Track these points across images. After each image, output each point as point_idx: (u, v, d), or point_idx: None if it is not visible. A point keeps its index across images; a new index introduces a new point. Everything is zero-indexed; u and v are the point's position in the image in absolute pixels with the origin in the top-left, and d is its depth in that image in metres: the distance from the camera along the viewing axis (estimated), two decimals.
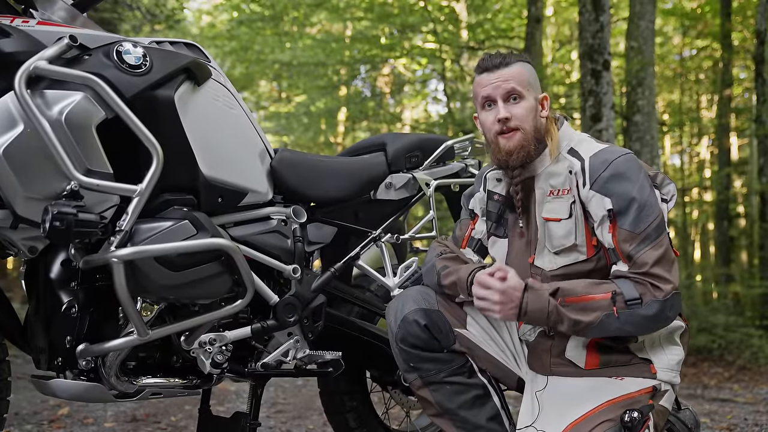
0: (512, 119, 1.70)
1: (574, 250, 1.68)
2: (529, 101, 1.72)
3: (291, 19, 13.02)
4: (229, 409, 3.97)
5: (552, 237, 1.70)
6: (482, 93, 1.74)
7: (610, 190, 1.62)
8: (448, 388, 1.78)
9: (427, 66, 13.31)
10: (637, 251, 1.60)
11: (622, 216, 1.61)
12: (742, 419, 3.89)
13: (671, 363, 1.69)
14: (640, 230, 1.60)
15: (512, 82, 1.71)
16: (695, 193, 15.65)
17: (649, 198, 1.62)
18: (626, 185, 1.62)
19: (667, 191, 1.72)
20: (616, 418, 1.58)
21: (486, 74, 1.74)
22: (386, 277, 2.21)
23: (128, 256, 1.59)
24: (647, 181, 1.65)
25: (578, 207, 1.68)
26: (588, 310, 1.59)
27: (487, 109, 1.74)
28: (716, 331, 7.02)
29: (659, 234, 1.61)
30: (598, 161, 1.65)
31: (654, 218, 1.61)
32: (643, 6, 7.90)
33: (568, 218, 1.68)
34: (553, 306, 1.59)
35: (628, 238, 1.60)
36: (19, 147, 1.53)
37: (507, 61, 1.73)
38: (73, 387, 1.71)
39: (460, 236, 1.94)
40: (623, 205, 1.61)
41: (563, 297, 1.60)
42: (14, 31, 1.61)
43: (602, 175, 1.63)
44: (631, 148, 7.58)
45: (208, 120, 1.85)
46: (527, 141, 1.70)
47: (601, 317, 1.58)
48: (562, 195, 1.70)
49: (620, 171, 1.63)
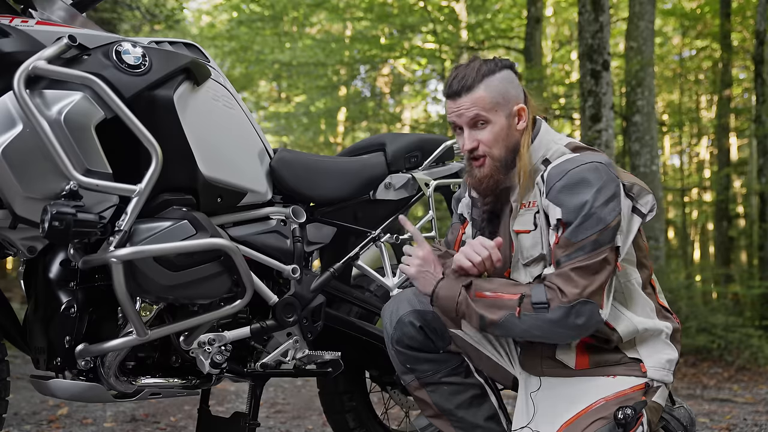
0: (479, 147, 1.68)
1: (542, 260, 1.67)
2: (497, 123, 1.67)
3: (291, 19, 13.04)
4: (229, 409, 3.97)
5: (523, 248, 1.70)
6: (449, 119, 1.72)
7: (560, 200, 1.60)
8: (445, 389, 1.78)
9: (427, 66, 13.32)
10: (567, 259, 1.57)
11: (568, 225, 1.59)
12: (742, 419, 3.89)
13: (661, 361, 1.68)
14: (577, 240, 1.57)
15: (474, 109, 1.66)
16: (695, 193, 15.65)
17: (596, 211, 1.57)
18: (577, 197, 1.58)
19: (645, 202, 1.67)
20: (610, 415, 1.59)
21: (450, 101, 1.70)
22: (385, 278, 2.21)
23: (127, 256, 1.59)
24: (606, 194, 1.59)
25: (542, 217, 1.66)
26: (495, 307, 1.60)
27: (458, 132, 1.72)
28: (716, 331, 7.01)
29: (595, 248, 1.56)
30: (556, 171, 1.62)
31: (595, 231, 1.56)
32: (642, 6, 7.91)
33: (534, 229, 1.67)
34: (463, 297, 1.63)
35: (563, 245, 1.59)
36: (18, 147, 1.54)
37: (468, 85, 1.66)
38: (72, 387, 1.71)
39: (452, 240, 1.94)
40: (570, 216, 1.58)
41: (474, 290, 1.63)
42: (13, 31, 1.61)
43: (556, 184, 1.60)
44: (630, 149, 7.61)
45: (208, 120, 1.85)
46: (496, 169, 1.68)
47: (506, 316, 1.59)
48: (531, 207, 1.68)
49: (573, 181, 1.59)
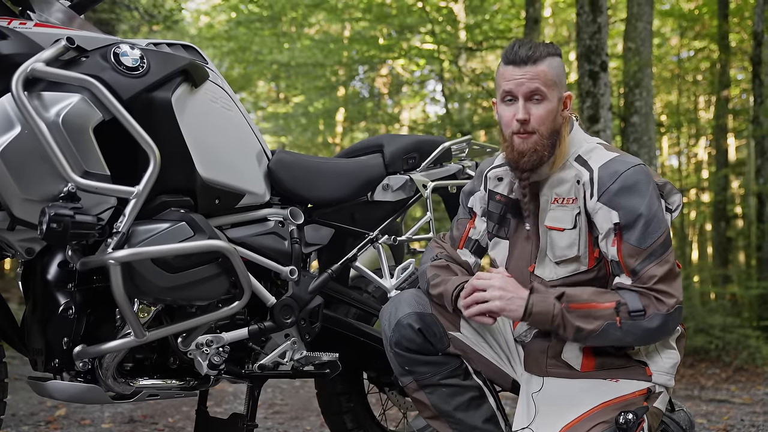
0: (531, 121, 1.64)
1: (576, 261, 1.67)
2: (551, 102, 1.65)
3: (289, 20, 13.03)
4: (227, 410, 3.96)
5: (555, 246, 1.68)
6: (504, 86, 1.66)
7: (617, 204, 1.59)
8: (443, 391, 1.77)
9: (426, 67, 13.30)
10: (642, 267, 1.59)
11: (629, 230, 1.59)
12: (739, 420, 3.89)
13: (666, 366, 1.69)
14: (647, 246, 1.58)
15: (537, 82, 1.63)
16: (693, 194, 15.65)
17: (656, 213, 1.60)
18: (634, 199, 1.59)
19: (673, 201, 1.71)
20: (611, 420, 1.59)
21: (512, 68, 1.65)
22: (383, 279, 2.21)
23: (125, 257, 1.59)
24: (656, 195, 1.63)
25: (583, 218, 1.65)
26: (591, 317, 1.58)
27: (507, 103, 1.67)
28: (713, 332, 7.02)
29: (665, 250, 1.59)
30: (607, 173, 1.62)
31: (660, 234, 1.59)
32: (640, 7, 7.91)
33: (572, 228, 1.66)
34: (559, 310, 1.59)
35: (634, 253, 1.59)
36: (16, 149, 1.54)
37: (536, 57, 1.63)
38: (70, 388, 1.71)
39: (458, 236, 1.92)
40: (630, 220, 1.59)
41: (568, 302, 1.59)
42: (11, 33, 1.61)
43: (611, 187, 1.60)
44: (628, 150, 7.60)
45: (206, 122, 1.85)
46: (542, 145, 1.65)
47: (604, 326, 1.58)
48: (567, 204, 1.67)
49: (629, 184, 1.60)
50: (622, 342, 1.62)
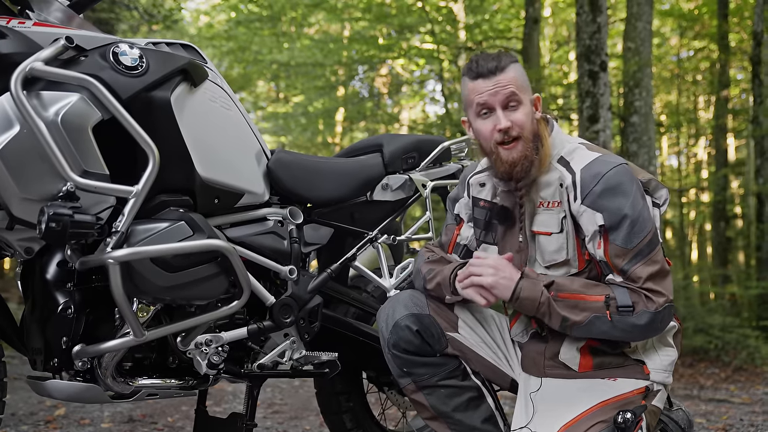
0: (513, 128, 1.64)
1: (566, 264, 1.67)
2: (526, 106, 1.66)
3: (289, 20, 13.03)
4: (226, 409, 3.96)
5: (543, 251, 1.69)
6: (478, 100, 1.66)
7: (601, 206, 1.59)
8: (442, 392, 1.77)
9: (425, 66, 13.32)
10: (629, 266, 1.59)
11: (614, 231, 1.59)
12: (738, 420, 3.89)
13: (664, 364, 1.70)
14: (633, 246, 1.59)
15: (511, 87, 1.64)
16: (692, 193, 15.66)
17: (641, 212, 1.60)
18: (618, 200, 1.59)
19: (660, 195, 1.71)
20: (610, 419, 1.59)
21: (481, 81, 1.65)
22: (382, 278, 2.21)
23: (124, 257, 1.59)
24: (640, 193, 1.63)
25: (569, 221, 1.65)
26: (578, 309, 1.59)
27: (483, 117, 1.67)
28: (713, 331, 7.03)
29: (652, 249, 1.60)
30: (590, 174, 1.62)
31: (646, 233, 1.59)
32: (640, 7, 7.91)
33: (559, 233, 1.66)
34: (546, 298, 1.59)
35: (621, 254, 1.59)
36: (15, 148, 1.54)
37: (502, 65, 1.65)
38: (70, 388, 1.71)
39: (446, 242, 1.92)
40: (615, 221, 1.59)
41: (557, 291, 1.60)
42: (10, 32, 1.61)
43: (594, 189, 1.60)
44: (628, 149, 7.61)
45: (205, 121, 1.85)
46: (529, 150, 1.65)
47: (590, 318, 1.58)
48: (552, 208, 1.66)
49: (612, 185, 1.59)
50: (607, 336, 1.62)
